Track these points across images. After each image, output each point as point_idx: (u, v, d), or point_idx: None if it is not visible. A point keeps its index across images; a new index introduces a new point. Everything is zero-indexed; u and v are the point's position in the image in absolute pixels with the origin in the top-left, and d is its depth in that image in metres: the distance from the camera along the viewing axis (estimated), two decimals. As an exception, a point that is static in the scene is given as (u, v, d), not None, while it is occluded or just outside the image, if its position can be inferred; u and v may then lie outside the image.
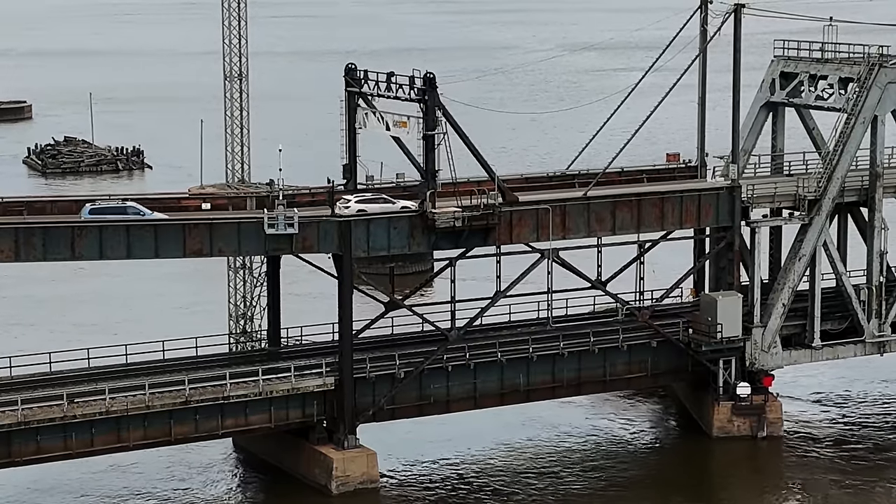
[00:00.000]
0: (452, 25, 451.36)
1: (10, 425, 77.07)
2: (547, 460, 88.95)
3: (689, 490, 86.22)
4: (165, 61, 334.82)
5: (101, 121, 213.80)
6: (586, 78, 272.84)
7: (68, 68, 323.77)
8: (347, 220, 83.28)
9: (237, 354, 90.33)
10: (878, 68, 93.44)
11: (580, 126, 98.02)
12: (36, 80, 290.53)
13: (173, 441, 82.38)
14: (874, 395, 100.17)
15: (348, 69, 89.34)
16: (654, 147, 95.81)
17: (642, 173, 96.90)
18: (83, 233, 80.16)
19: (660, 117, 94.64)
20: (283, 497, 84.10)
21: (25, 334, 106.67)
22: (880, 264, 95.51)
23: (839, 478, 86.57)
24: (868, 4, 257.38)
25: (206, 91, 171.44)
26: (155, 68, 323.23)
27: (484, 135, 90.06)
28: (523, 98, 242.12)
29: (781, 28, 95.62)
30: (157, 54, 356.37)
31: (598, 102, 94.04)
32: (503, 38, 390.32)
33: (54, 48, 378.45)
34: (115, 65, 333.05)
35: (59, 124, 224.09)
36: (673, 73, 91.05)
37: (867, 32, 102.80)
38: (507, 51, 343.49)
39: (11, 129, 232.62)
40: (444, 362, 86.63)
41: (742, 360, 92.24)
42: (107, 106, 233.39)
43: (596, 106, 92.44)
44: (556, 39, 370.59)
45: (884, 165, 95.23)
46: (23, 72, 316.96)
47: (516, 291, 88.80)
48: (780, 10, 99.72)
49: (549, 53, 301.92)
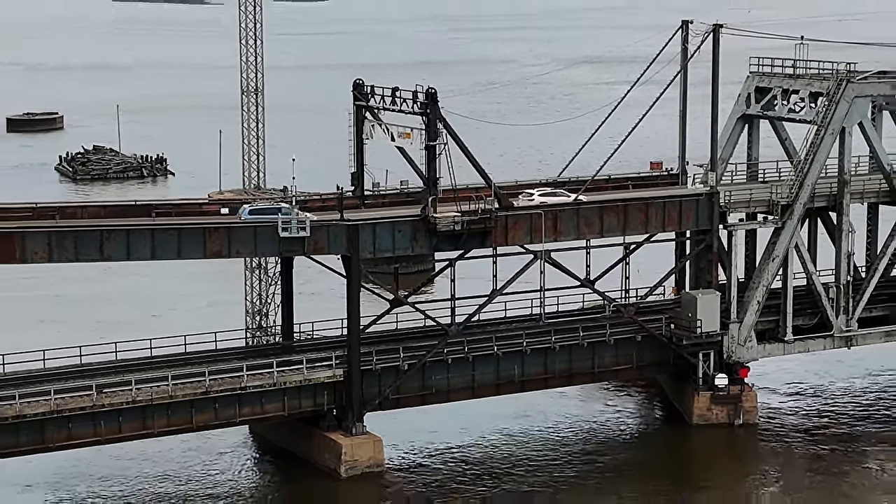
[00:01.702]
0: (454, 42, 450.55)
1: (43, 414, 77.38)
2: (540, 446, 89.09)
3: (671, 474, 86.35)
4: (187, 75, 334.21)
5: (127, 130, 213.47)
6: (578, 90, 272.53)
7: (97, 82, 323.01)
8: (355, 224, 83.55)
9: (253, 348, 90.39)
10: (846, 83, 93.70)
11: (571, 136, 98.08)
12: (67, 93, 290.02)
13: (194, 428, 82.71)
14: (842, 386, 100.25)
15: (356, 84, 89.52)
16: (638, 156, 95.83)
17: (628, 180, 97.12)
18: (111, 236, 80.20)
19: (645, 128, 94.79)
20: (295, 480, 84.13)
21: (58, 330, 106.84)
22: (848, 264, 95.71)
23: (811, 462, 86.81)
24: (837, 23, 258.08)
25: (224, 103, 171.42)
26: (177, 82, 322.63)
27: (482, 144, 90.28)
28: (519, 110, 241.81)
29: (757, 45, 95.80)
30: (180, 69, 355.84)
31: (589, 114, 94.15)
32: (501, 53, 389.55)
33: (84, 62, 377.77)
34: (141, 78, 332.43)
35: (88, 134, 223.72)
36: (658, 86, 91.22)
37: (836, 50, 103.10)
38: (504, 65, 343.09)
39: (44, 139, 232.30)
40: (444, 355, 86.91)
41: (720, 353, 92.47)
42: (133, 117, 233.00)
43: (586, 117, 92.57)
44: (551, 54, 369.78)
45: (851, 173, 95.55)
46: (55, 85, 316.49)
47: (511, 290, 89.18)
48: (755, 30, 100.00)
49: (543, 68, 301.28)
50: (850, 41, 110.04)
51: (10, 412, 76.80)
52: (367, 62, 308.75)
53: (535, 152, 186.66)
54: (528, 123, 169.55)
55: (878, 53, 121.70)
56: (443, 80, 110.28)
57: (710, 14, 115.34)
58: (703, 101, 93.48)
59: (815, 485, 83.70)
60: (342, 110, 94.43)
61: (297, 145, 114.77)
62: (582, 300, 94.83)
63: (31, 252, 79.18)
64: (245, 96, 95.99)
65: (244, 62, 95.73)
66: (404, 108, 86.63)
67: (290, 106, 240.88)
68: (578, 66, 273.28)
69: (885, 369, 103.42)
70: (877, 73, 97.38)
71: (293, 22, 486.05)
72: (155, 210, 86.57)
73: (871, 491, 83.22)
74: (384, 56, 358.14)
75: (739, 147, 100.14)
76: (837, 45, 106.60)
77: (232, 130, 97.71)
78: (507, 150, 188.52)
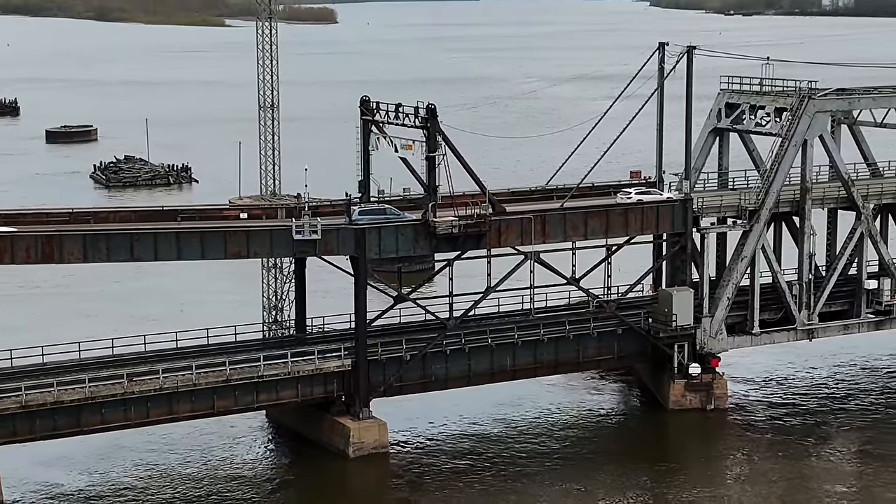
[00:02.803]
0: (454, 61, 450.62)
1: (79, 400, 77.48)
2: (530, 430, 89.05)
3: (649, 454, 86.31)
4: (210, 92, 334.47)
5: (155, 142, 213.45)
6: (565, 105, 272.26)
7: (128, 97, 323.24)
8: (362, 227, 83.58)
9: (269, 340, 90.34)
10: (808, 100, 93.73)
11: (558, 147, 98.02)
12: (100, 108, 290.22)
13: (216, 413, 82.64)
14: (804, 374, 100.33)
15: (363, 101, 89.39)
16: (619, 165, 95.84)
17: (610, 188, 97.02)
18: (140, 238, 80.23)
19: (625, 140, 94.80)
20: (307, 460, 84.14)
21: (92, 324, 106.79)
22: (809, 264, 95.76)
23: (775, 443, 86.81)
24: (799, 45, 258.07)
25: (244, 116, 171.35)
26: (201, 98, 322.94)
27: (477, 155, 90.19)
28: (511, 123, 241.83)
29: (727, 65, 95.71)
30: (203, 85, 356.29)
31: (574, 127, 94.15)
32: (495, 71, 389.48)
33: (116, 79, 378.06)
34: (168, 94, 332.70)
35: (120, 145, 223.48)
36: (637, 102, 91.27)
37: (798, 69, 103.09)
38: (498, 82, 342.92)
39: (80, 149, 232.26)
40: (443, 347, 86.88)
41: (693, 344, 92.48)
42: (160, 129, 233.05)
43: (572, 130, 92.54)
44: (540, 73, 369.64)
45: (812, 181, 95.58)
46: (89, 100, 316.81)
47: (504, 287, 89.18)
48: (725, 51, 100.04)
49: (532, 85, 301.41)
50: (811, 61, 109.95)
51: (49, 398, 76.86)
52: (372, 79, 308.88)
53: (526, 162, 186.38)
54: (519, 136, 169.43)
55: (837, 72, 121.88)
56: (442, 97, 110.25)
57: (685, 36, 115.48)
58: (678, 116, 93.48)
59: (780, 463, 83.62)
60: (350, 123, 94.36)
61: (310, 155, 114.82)
62: (568, 297, 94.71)
63: (68, 253, 79.21)
64: (262, 111, 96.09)
65: (261, 80, 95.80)
66: (406, 122, 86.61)
67: (304, 118, 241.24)
68: (564, 83, 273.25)
69: (843, 359, 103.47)
70: (835, 90, 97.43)
71: (306, 43, 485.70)
72: (180, 215, 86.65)
73: (829, 469, 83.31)
74: (388, 74, 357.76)
75: (711, 157, 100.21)
76: (800, 64, 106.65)
77: (251, 141, 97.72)
78: (500, 161, 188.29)
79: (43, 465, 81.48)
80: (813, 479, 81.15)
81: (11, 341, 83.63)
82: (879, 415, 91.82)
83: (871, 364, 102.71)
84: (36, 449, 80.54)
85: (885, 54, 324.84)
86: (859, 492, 78.93)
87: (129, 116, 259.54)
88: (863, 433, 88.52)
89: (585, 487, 79.42)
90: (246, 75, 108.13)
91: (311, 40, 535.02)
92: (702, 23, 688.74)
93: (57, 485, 79.46)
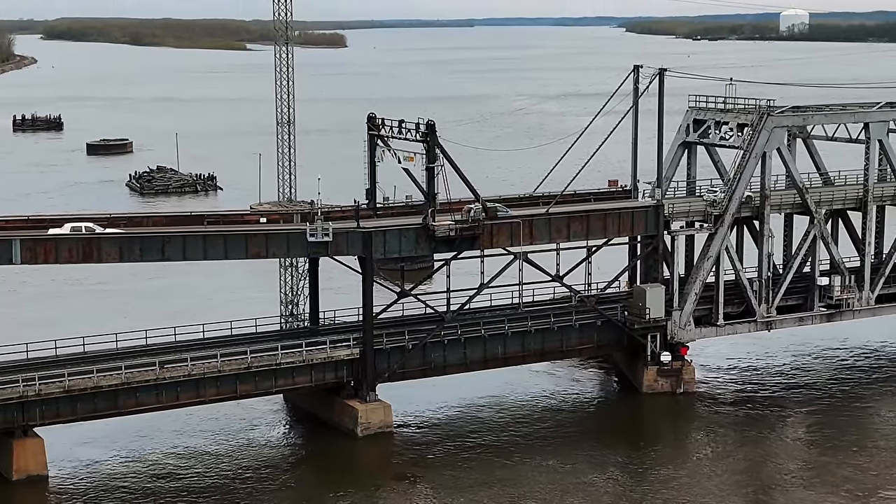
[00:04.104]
0: (451, 82, 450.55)
1: (116, 385, 77.57)
2: (519, 411, 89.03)
3: (625, 433, 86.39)
4: (232, 108, 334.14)
5: (184, 153, 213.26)
6: (550, 121, 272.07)
7: (160, 113, 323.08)
8: (369, 230, 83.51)
9: (286, 331, 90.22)
10: (767, 116, 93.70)
11: (544, 158, 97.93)
12: (135, 123, 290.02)
13: (238, 397, 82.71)
14: (764, 361, 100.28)
15: (369, 117, 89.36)
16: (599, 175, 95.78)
17: (590, 195, 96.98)
18: (171, 241, 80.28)
19: (604, 151, 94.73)
20: (320, 438, 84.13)
21: (128, 317, 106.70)
22: (768, 263, 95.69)
23: (739, 423, 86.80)
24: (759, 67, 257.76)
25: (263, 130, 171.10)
26: (225, 113, 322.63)
27: (472, 166, 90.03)
28: (502, 137, 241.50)
29: (694, 85, 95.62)
30: (227, 102, 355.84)
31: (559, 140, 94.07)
32: (488, 90, 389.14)
33: (150, 97, 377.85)
34: (195, 110, 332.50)
35: (153, 156, 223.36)
36: (615, 117, 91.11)
37: (758, 88, 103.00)
38: (491, 100, 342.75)
39: (117, 160, 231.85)
40: (441, 337, 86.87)
41: (665, 334, 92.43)
42: (189, 141, 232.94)
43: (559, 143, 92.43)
44: (528, 91, 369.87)
45: (770, 189, 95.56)
46: (125, 116, 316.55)
47: (496, 284, 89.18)
48: (693, 73, 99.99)
49: (522, 102, 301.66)
50: (769, 82, 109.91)
51: (89, 384, 76.91)
52: (378, 97, 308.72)
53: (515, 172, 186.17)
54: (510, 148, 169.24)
55: (793, 92, 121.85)
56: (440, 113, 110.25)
57: (657, 59, 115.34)
58: (651, 130, 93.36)
59: (742, 441, 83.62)
60: (358, 137, 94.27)
61: (322, 165, 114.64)
62: (553, 292, 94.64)
63: (105, 254, 79.24)
64: (280, 126, 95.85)
65: (279, 98, 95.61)
66: (408, 136, 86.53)
67: (317, 132, 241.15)
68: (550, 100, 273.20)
69: (798, 348, 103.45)
70: (791, 108, 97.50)
71: (318, 65, 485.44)
72: (206, 219, 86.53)
73: (786, 446, 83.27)
74: (392, 93, 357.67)
75: (680, 168, 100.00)
76: (760, 85, 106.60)
77: (269, 153, 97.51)
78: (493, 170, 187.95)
79: (83, 443, 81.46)
80: (772, 456, 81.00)
81: (56, 332, 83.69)
82: (831, 398, 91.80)
83: (823, 353, 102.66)
84: (77, 429, 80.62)
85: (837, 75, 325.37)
86: (814, 468, 78.78)
87: (161, 130, 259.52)
88: (816, 415, 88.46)
89: (569, 463, 79.30)
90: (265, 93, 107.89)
91: (323, 62, 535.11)
92: (672, 47, 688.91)
93: (95, 460, 79.43)
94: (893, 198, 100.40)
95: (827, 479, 76.47)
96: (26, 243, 77.72)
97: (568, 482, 76.06)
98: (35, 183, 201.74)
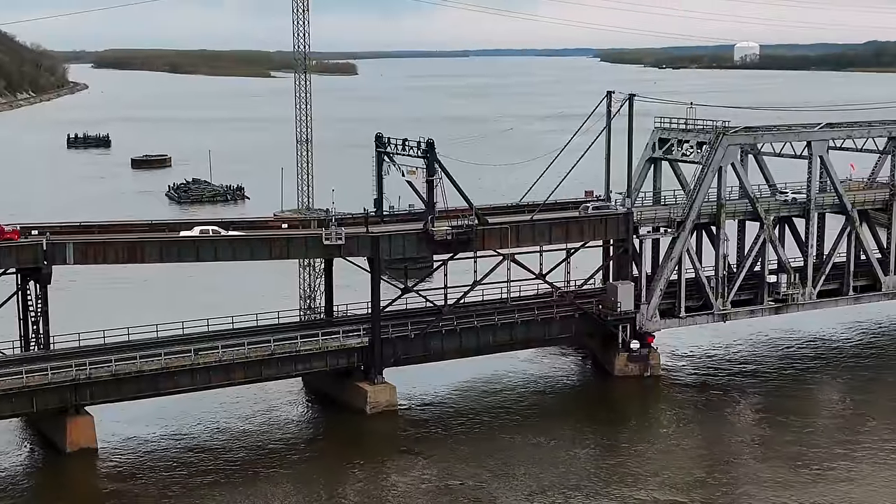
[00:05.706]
0: (450, 105, 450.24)
1: (156, 370, 77.55)
2: (508, 393, 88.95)
3: (599, 411, 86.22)
4: (258, 127, 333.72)
5: (216, 167, 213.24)
6: (535, 139, 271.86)
7: (195, 132, 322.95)
8: (377, 235, 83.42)
9: (304, 322, 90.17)
10: (722, 135, 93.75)
11: (530, 172, 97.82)
12: (174, 140, 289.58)
13: (263, 380, 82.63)
14: (720, 349, 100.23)
15: (377, 136, 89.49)
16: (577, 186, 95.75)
17: (569, 204, 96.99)
18: (203, 244, 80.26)
19: (581, 166, 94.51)
20: (334, 415, 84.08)
21: (166, 310, 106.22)
22: (724, 263, 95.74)
23: (698, 403, 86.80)
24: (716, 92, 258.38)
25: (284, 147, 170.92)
26: (252, 132, 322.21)
27: (466, 178, 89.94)
28: (493, 153, 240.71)
29: (659, 108, 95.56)
30: (253, 122, 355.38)
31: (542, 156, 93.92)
32: (480, 112, 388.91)
33: (186, 118, 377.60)
34: (226, 130, 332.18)
35: (189, 169, 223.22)
36: (591, 136, 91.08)
37: (715, 111, 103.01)
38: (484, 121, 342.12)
39: (157, 173, 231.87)
40: (439, 328, 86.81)
41: (634, 325, 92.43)
42: (220, 157, 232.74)
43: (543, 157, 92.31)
44: (516, 113, 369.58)
45: (725, 199, 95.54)
46: (165, 134, 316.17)
47: (487, 281, 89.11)
48: (658, 97, 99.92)
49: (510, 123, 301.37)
50: (725, 105, 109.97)
51: (133, 368, 76.90)
52: (384, 118, 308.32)
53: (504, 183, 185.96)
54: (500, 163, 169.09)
55: (746, 114, 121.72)
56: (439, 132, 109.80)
57: (627, 85, 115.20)
58: (622, 148, 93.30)
59: (702, 419, 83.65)
60: (367, 153, 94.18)
61: (336, 178, 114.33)
62: (537, 289, 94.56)
63: (147, 255, 79.29)
64: (299, 143, 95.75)
65: (298, 118, 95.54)
66: (411, 152, 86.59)
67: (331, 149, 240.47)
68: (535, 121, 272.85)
69: (750, 337, 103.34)
70: (744, 128, 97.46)
71: (333, 90, 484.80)
72: (233, 225, 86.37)
73: (740, 424, 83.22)
74: (397, 114, 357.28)
75: (647, 180, 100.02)
76: (716, 108, 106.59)
77: (290, 166, 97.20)
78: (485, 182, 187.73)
79: (128, 420, 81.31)
80: (728, 432, 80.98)
81: (103, 323, 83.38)
82: (779, 381, 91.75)
83: (772, 341, 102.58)
84: (122, 408, 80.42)
85: (784, 99, 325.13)
86: (765, 443, 78.70)
87: (196, 147, 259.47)
88: (766, 396, 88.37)
89: (552, 438, 79.22)
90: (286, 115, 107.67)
91: (337, 87, 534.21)
92: (641, 74, 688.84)
93: (138, 435, 79.39)
94: (832, 206, 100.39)
95: (778, 453, 76.36)
96: (79, 246, 77.78)
97: (552, 455, 75.97)
98: (86, 193, 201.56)
